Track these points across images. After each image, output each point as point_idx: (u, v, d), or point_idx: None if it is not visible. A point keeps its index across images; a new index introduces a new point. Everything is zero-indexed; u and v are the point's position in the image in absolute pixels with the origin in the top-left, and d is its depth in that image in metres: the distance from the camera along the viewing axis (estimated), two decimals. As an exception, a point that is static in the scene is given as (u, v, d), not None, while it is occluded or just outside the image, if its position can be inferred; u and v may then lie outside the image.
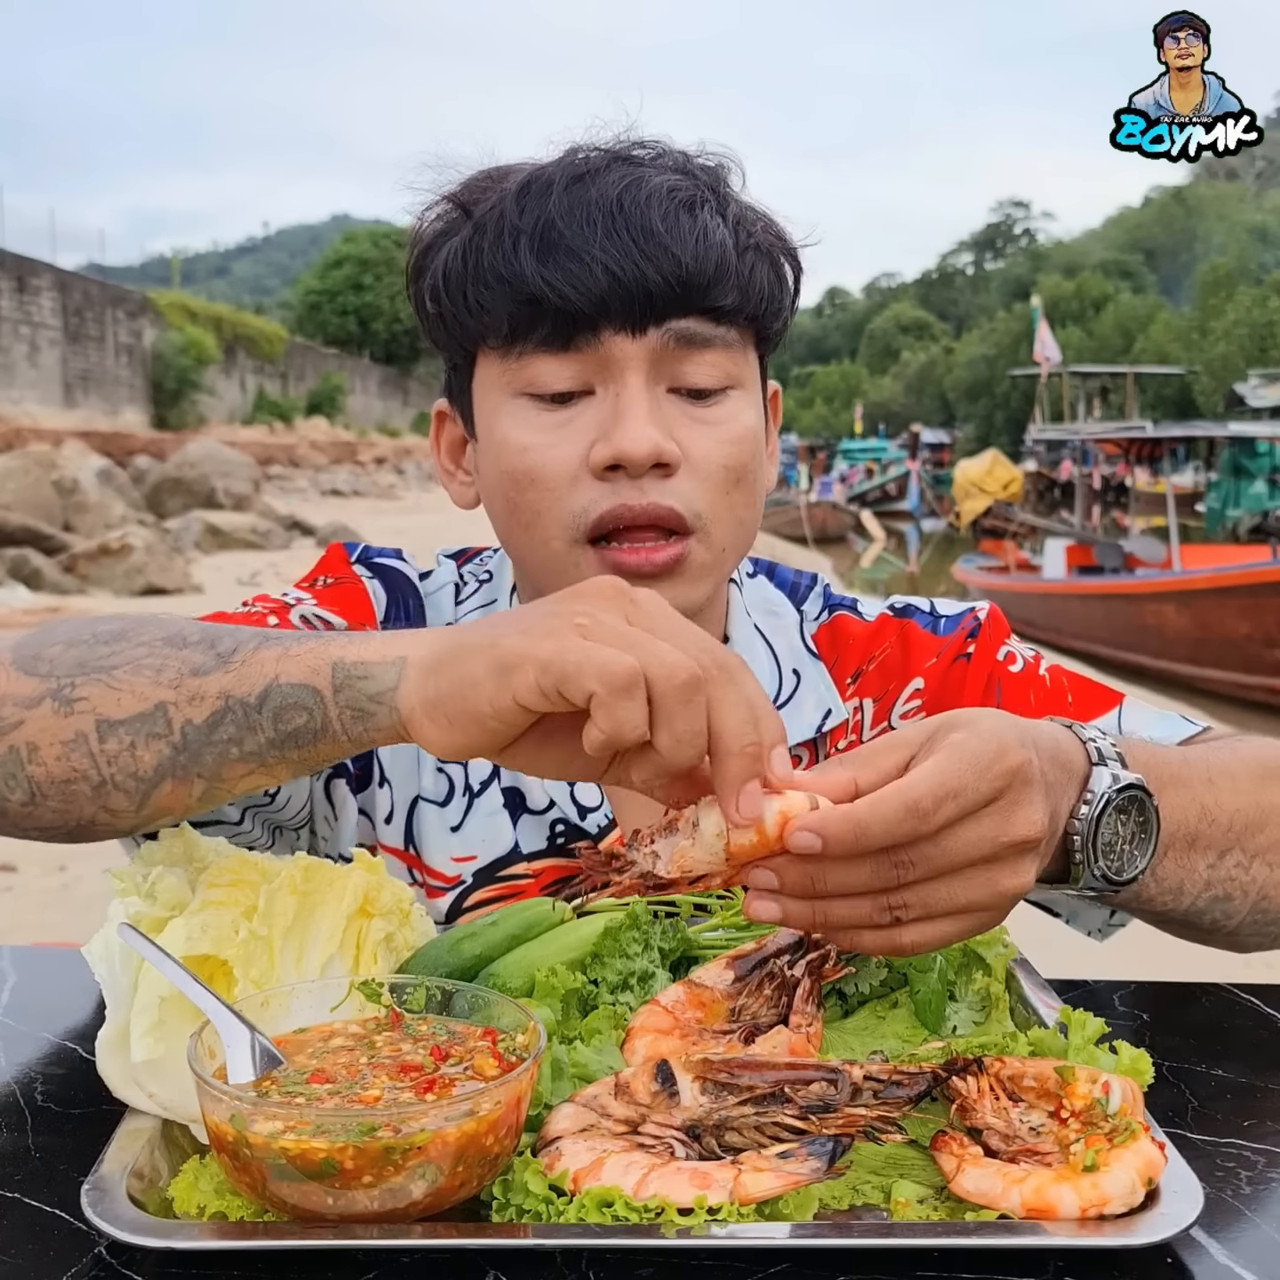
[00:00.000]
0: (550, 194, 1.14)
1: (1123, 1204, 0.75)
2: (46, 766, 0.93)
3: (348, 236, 71.72)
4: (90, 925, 0.93)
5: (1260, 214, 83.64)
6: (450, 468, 1.32)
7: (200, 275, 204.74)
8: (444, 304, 1.19)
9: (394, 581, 1.33)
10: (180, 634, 0.94)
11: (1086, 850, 0.94)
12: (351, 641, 0.89)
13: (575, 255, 1.11)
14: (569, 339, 1.13)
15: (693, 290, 1.13)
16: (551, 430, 1.16)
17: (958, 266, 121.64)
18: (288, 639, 0.91)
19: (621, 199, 1.12)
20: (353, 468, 39.81)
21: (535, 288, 1.12)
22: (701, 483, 1.16)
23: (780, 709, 1.30)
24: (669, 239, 1.12)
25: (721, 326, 1.16)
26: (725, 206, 1.17)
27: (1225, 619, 12.38)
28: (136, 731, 0.90)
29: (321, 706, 0.87)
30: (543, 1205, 0.76)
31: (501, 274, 1.14)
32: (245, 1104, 0.75)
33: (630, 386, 1.14)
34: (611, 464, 1.13)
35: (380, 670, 0.86)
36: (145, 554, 15.34)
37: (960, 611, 1.36)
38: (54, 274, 29.99)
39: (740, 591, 1.35)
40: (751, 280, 1.16)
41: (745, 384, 1.20)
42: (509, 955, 1.01)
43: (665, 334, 1.14)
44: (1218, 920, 1.11)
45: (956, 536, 29.01)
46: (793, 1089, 0.81)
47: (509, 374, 1.17)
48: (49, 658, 0.95)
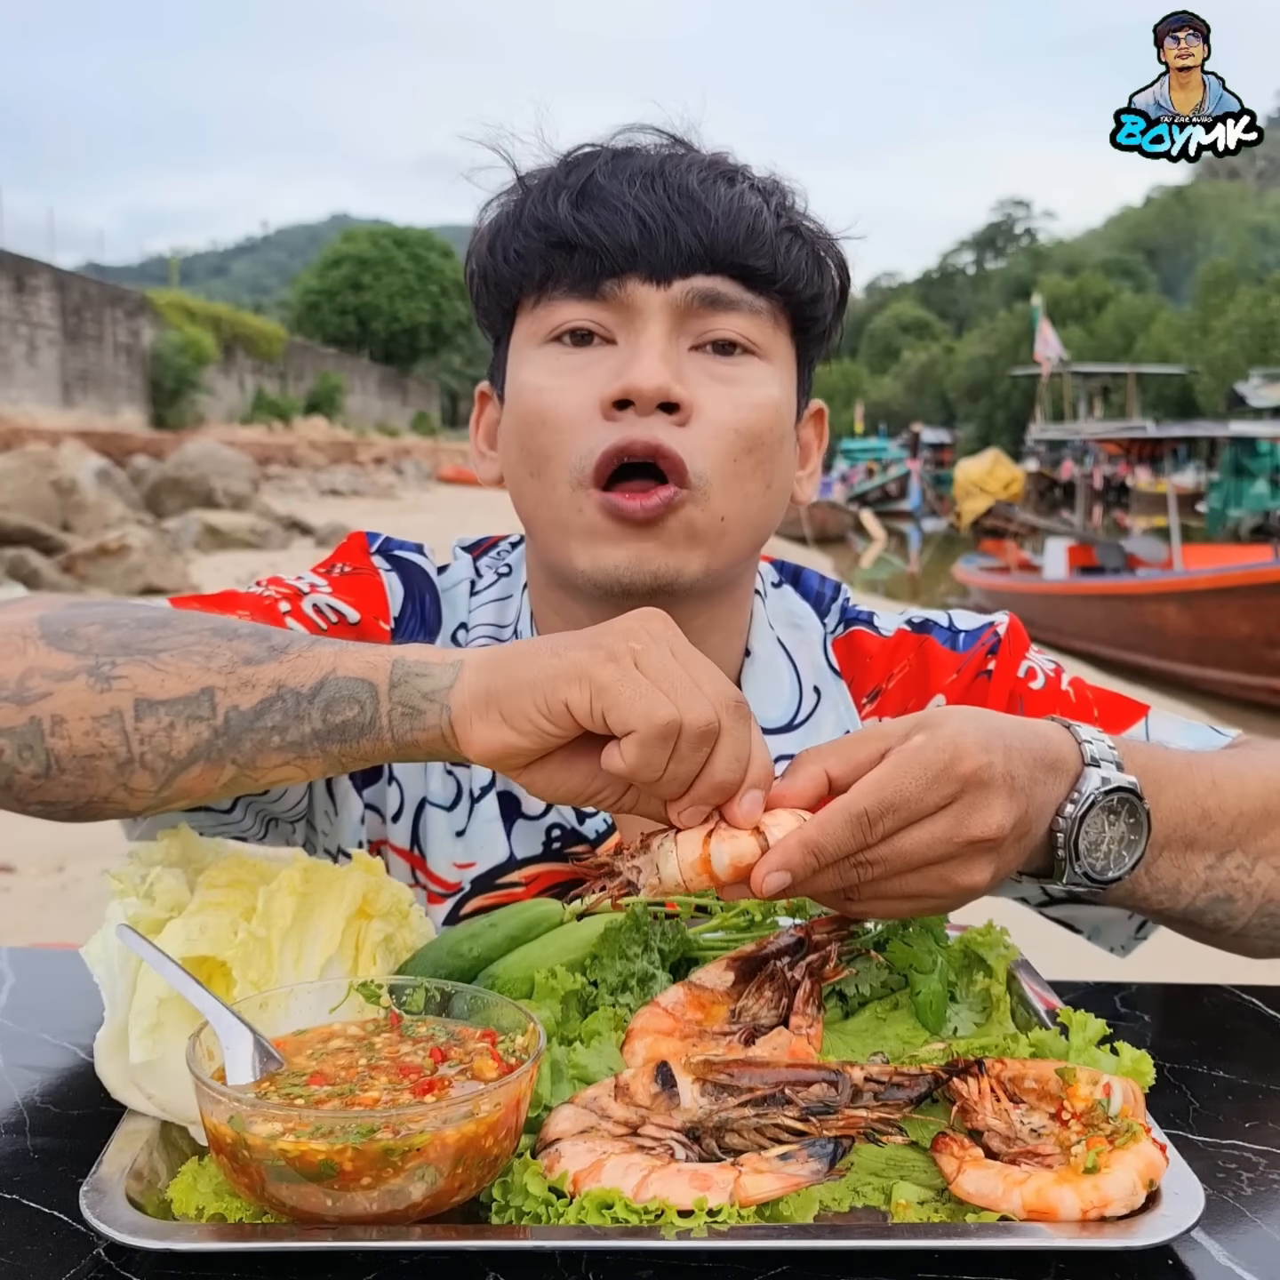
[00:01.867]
0: (597, 159, 1.18)
1: (1124, 1205, 0.75)
2: (70, 740, 0.92)
3: (347, 236, 71.76)
4: (89, 926, 0.93)
5: (1261, 213, 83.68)
6: (483, 448, 1.32)
7: (199, 275, 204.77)
8: (485, 260, 1.22)
9: (412, 576, 1.32)
10: (229, 626, 0.95)
11: (1069, 849, 0.96)
12: (411, 646, 0.92)
13: (609, 204, 1.14)
14: (596, 284, 1.15)
15: (720, 247, 1.14)
16: (569, 373, 1.16)
17: (958, 266, 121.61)
18: (340, 644, 0.94)
19: (663, 164, 1.16)
20: (352, 467, 39.80)
21: (568, 230, 1.14)
22: (710, 440, 1.15)
23: (798, 728, 1.30)
24: (704, 197, 1.14)
25: (750, 293, 1.16)
26: (769, 192, 1.19)
27: (1227, 619, 12.37)
28: (177, 713, 0.91)
29: (374, 701, 0.89)
30: (542, 1207, 0.76)
31: (539, 220, 1.17)
32: (244, 1105, 0.75)
33: (650, 334, 1.14)
34: (620, 399, 1.13)
35: (439, 670, 0.90)
36: (144, 554, 15.33)
37: (979, 626, 1.34)
38: (52, 273, 29.98)
39: (764, 603, 1.33)
40: (787, 255, 1.17)
41: (771, 358, 1.19)
42: (508, 957, 1.01)
43: (690, 289, 1.15)
44: (1220, 920, 1.11)
45: (957, 536, 29.03)
46: (793, 1090, 0.81)
47: (537, 323, 1.19)
48: (85, 636, 0.94)
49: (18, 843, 5.65)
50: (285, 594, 1.24)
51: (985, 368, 69.98)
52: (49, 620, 0.96)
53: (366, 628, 1.26)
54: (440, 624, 1.32)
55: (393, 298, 66.70)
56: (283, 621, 1.20)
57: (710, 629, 1.24)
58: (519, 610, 1.32)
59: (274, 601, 1.23)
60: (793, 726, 1.29)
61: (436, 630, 1.31)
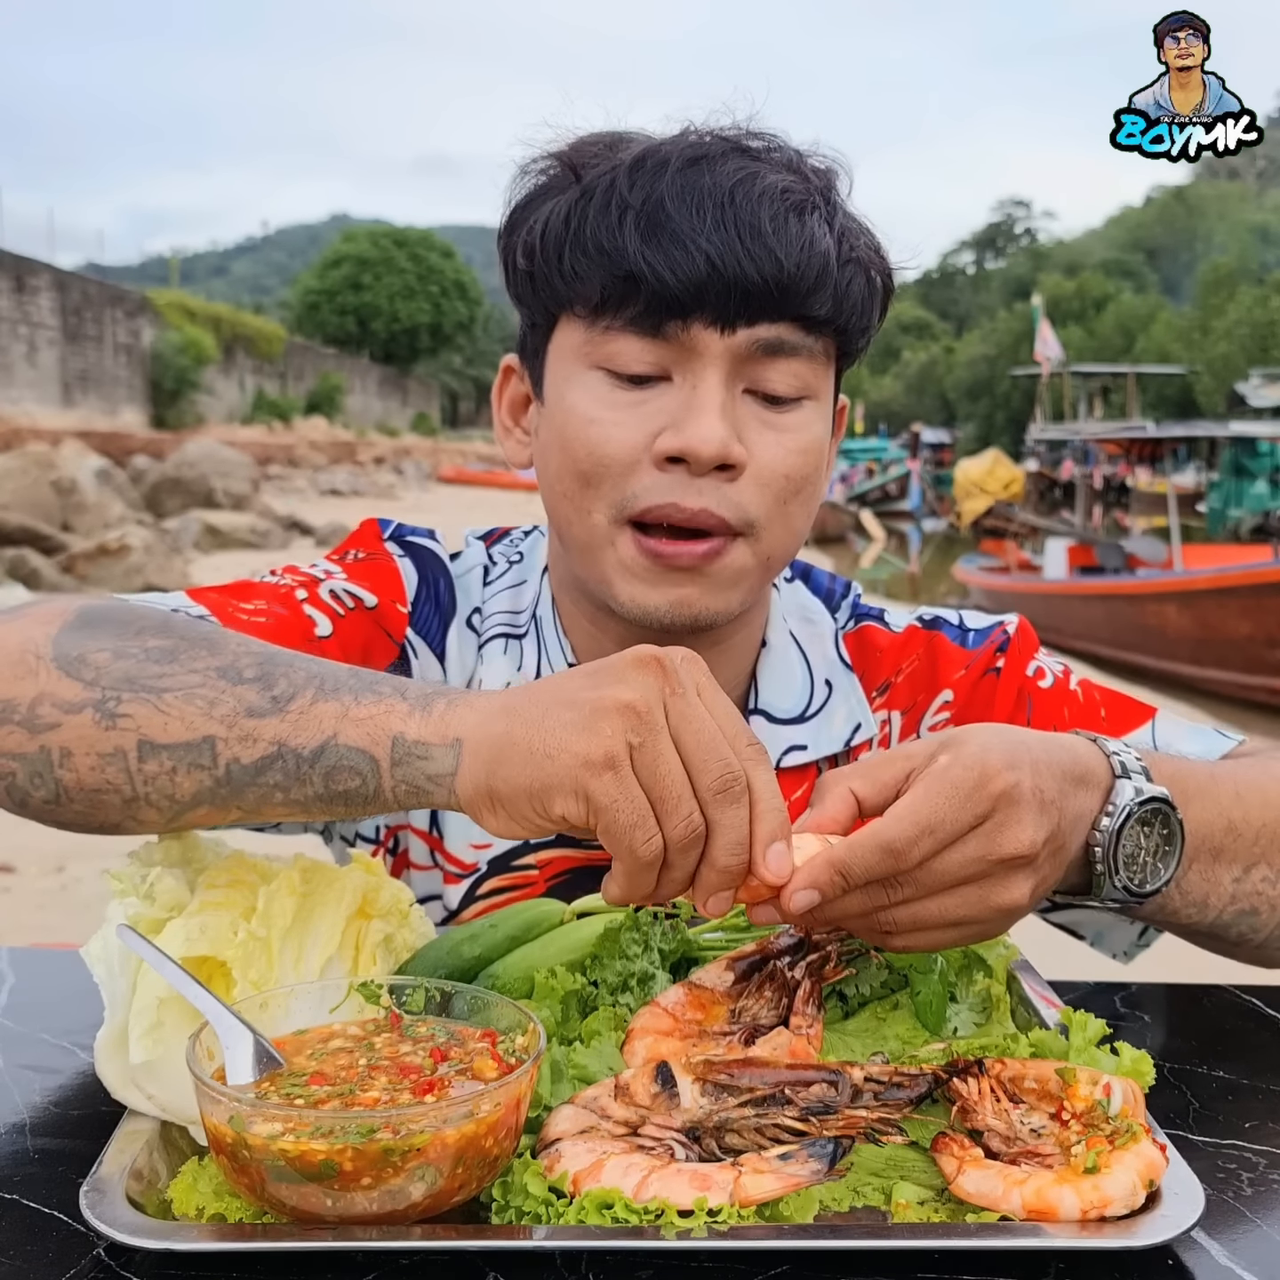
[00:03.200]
0: (664, 173, 1.12)
1: (1124, 1205, 0.75)
2: (78, 774, 0.91)
3: (347, 236, 71.77)
4: (89, 926, 0.93)
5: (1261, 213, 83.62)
6: (508, 423, 1.30)
7: (199, 275, 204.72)
8: (537, 263, 1.17)
9: (425, 561, 1.32)
10: (234, 665, 0.92)
11: (1108, 862, 0.95)
12: (411, 712, 0.87)
13: (679, 240, 1.09)
14: (659, 324, 1.11)
15: (790, 296, 1.11)
16: (622, 409, 1.14)
17: (959, 266, 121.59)
18: (345, 690, 0.89)
19: (734, 192, 1.11)
20: (352, 467, 39.77)
21: (635, 264, 1.10)
22: (761, 489, 1.14)
23: (810, 719, 1.30)
24: (775, 241, 1.10)
25: (810, 336, 1.14)
26: (833, 215, 1.15)
27: (1227, 619, 12.36)
28: (179, 759, 0.89)
29: (377, 776, 0.87)
30: (542, 1207, 0.76)
31: (603, 245, 1.11)
32: (244, 1105, 0.74)
33: (709, 382, 1.12)
34: (675, 456, 1.11)
35: (440, 753, 0.85)
36: (144, 554, 15.32)
37: (989, 625, 1.35)
38: (52, 273, 29.96)
39: (778, 596, 1.35)
40: (848, 293, 1.15)
41: (820, 396, 1.19)
42: (508, 957, 1.01)
43: (754, 339, 1.12)
44: (1244, 934, 1.10)
45: (957, 536, 29.01)
46: (793, 1090, 0.81)
47: (590, 345, 1.15)
48: (94, 664, 0.93)
49: (18, 843, 5.65)
50: (301, 581, 1.24)
51: (985, 368, 69.95)
52: (62, 641, 0.95)
53: (384, 611, 1.27)
54: (455, 609, 1.32)
55: (393, 298, 66.70)
56: (300, 609, 1.21)
57: (734, 629, 1.26)
58: (537, 596, 1.32)
59: (290, 590, 1.23)
60: (805, 718, 1.30)
61: (452, 614, 1.31)
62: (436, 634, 1.30)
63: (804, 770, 1.29)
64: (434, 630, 1.30)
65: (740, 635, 1.28)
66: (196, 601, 1.16)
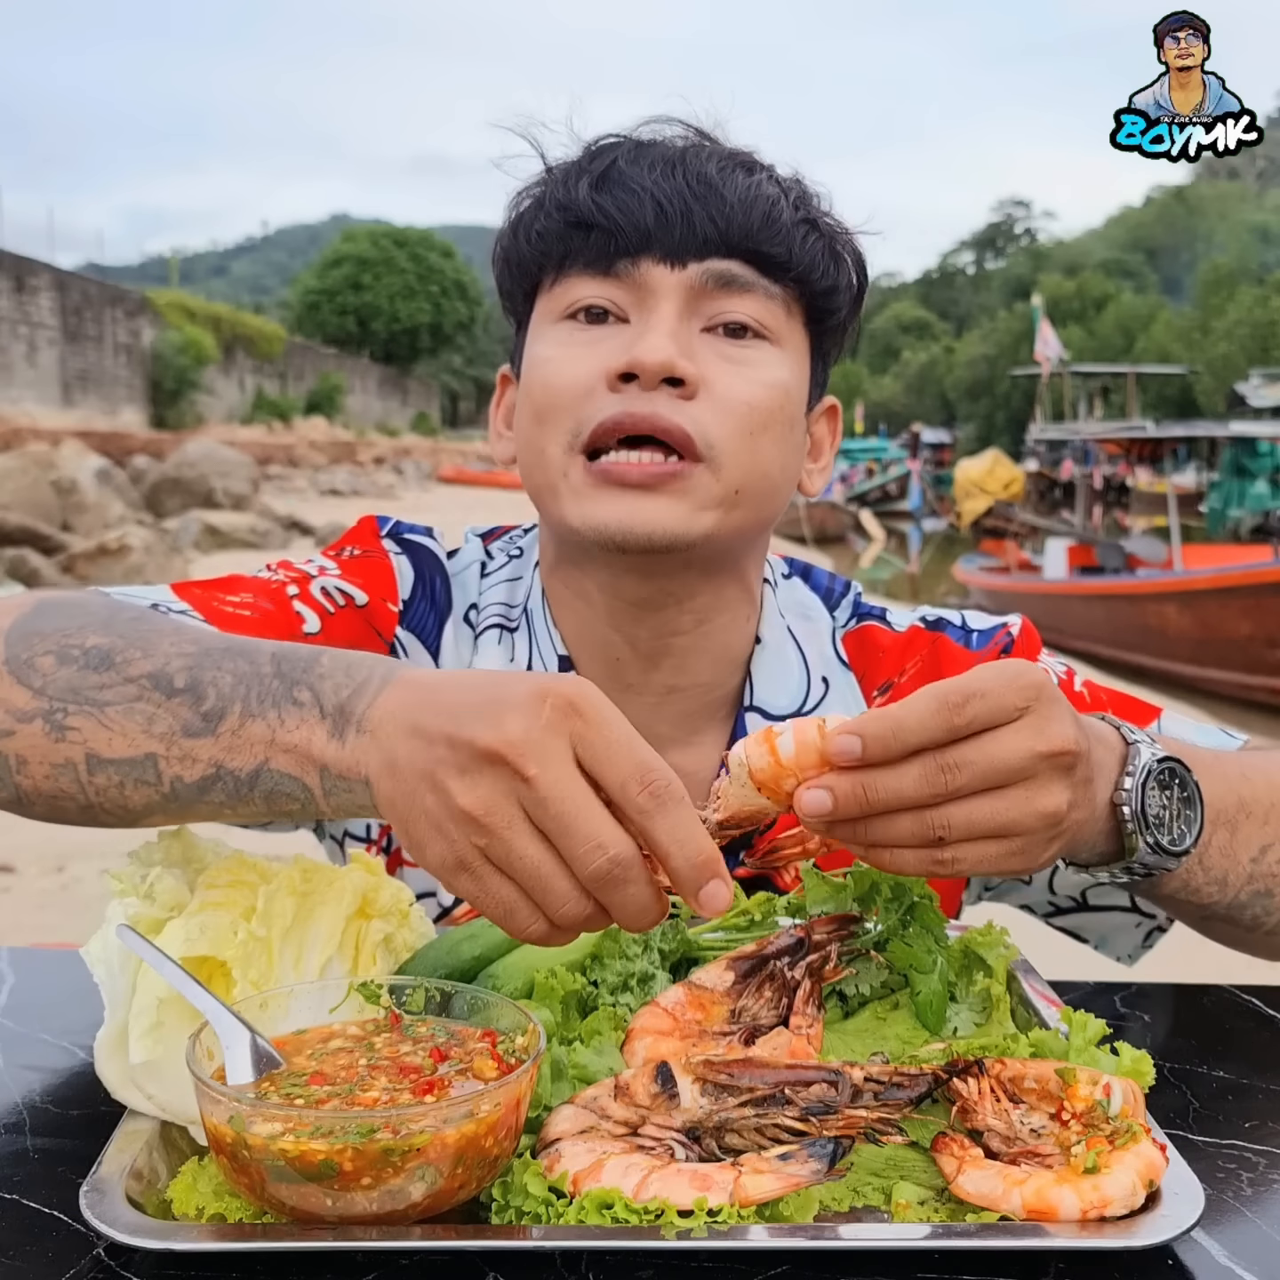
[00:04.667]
0: (620, 147, 1.20)
1: (1124, 1206, 0.75)
2: (34, 781, 0.93)
3: (347, 236, 71.75)
4: (89, 926, 0.93)
5: (1261, 213, 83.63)
6: (501, 429, 1.34)
7: (199, 275, 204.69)
8: (509, 243, 1.24)
9: (422, 559, 1.33)
10: (165, 671, 0.90)
11: (1137, 820, 0.95)
12: (330, 740, 0.84)
13: (627, 188, 1.16)
14: (610, 263, 1.17)
15: (736, 231, 1.16)
16: (579, 346, 1.18)
17: (959, 266, 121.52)
18: (269, 700, 0.87)
19: (685, 154, 1.19)
20: (351, 467, 39.75)
21: (585, 210, 1.17)
22: (721, 413, 1.15)
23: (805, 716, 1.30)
24: (721, 184, 1.16)
25: (764, 278, 1.18)
26: (788, 187, 1.21)
27: (1227, 619, 12.37)
28: (125, 774, 0.90)
29: (313, 801, 0.87)
30: (542, 1207, 0.76)
31: (560, 201, 1.19)
32: (244, 1105, 0.74)
33: (660, 312, 1.16)
34: (624, 372, 1.13)
35: (359, 787, 0.84)
36: (144, 554, 15.33)
37: (993, 626, 1.36)
38: (52, 274, 29.96)
39: (774, 592, 1.34)
40: (803, 245, 1.18)
41: (783, 344, 1.20)
42: (508, 956, 1.01)
43: (704, 271, 1.16)
44: (1258, 916, 1.12)
45: (957, 536, 29.01)
46: (793, 1091, 0.81)
47: (554, 300, 1.21)
48: (41, 669, 0.93)
49: (18, 843, 5.65)
50: (294, 577, 1.25)
51: (985, 368, 69.96)
52: (14, 640, 0.95)
53: (374, 610, 1.27)
54: (451, 607, 1.33)
55: (393, 298, 66.70)
56: (289, 606, 1.22)
57: (715, 608, 1.25)
58: (529, 589, 1.33)
59: (281, 585, 1.24)
60: (800, 714, 1.30)
61: (447, 612, 1.32)
62: (432, 631, 1.31)
63: None
64: (429, 627, 1.31)
65: (725, 617, 1.26)
66: (180, 597, 1.17)
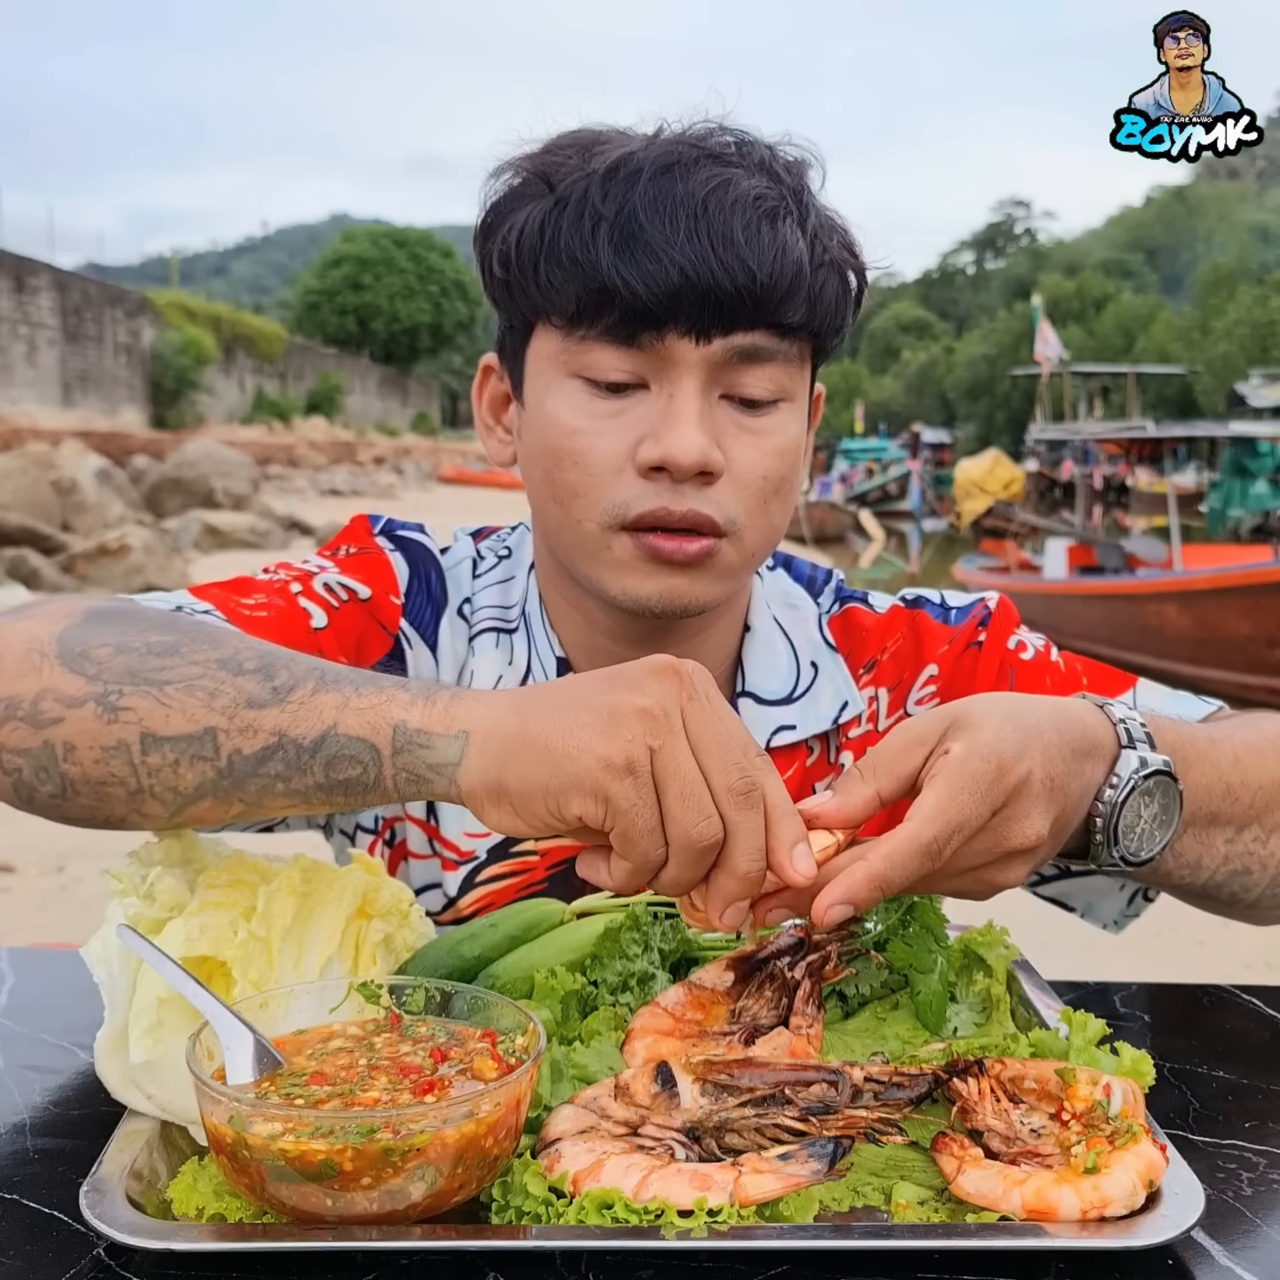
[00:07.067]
0: (637, 182, 1.12)
1: (1124, 1206, 0.75)
2: (82, 767, 0.92)
3: (346, 236, 71.72)
4: (89, 926, 0.93)
5: (1261, 213, 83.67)
6: (490, 421, 1.32)
7: (199, 275, 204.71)
8: (513, 272, 1.18)
9: (416, 555, 1.34)
10: (235, 657, 0.93)
11: (1107, 833, 0.97)
12: (414, 701, 0.88)
13: (652, 252, 1.10)
14: (633, 335, 1.13)
15: (763, 305, 1.12)
16: (602, 418, 1.16)
17: (958, 266, 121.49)
18: (346, 682, 0.90)
19: (707, 201, 1.11)
20: (352, 467, 39.75)
21: (608, 278, 1.11)
22: (740, 491, 1.17)
23: (797, 700, 1.33)
24: (747, 251, 1.11)
25: (785, 341, 1.16)
26: (806, 217, 1.16)
27: (1227, 619, 12.36)
28: (182, 751, 0.90)
29: (378, 764, 0.87)
30: (542, 1207, 0.76)
31: (576, 257, 1.12)
32: (244, 1105, 0.74)
33: (685, 391, 1.14)
34: (657, 466, 1.13)
35: (443, 743, 0.86)
36: (144, 554, 15.32)
37: (970, 602, 1.39)
38: (52, 274, 29.94)
39: (761, 583, 1.38)
40: (821, 296, 1.16)
41: (795, 397, 1.20)
42: (508, 957, 1.01)
43: (729, 348, 1.13)
44: (1236, 893, 1.13)
45: (957, 536, 29.01)
46: (793, 1090, 0.81)
47: (567, 354, 1.17)
48: (96, 659, 0.94)
49: (18, 843, 5.65)
50: (295, 576, 1.26)
51: (985, 368, 69.94)
52: (66, 638, 0.96)
53: (378, 603, 1.28)
54: (446, 600, 1.33)
55: (393, 298, 66.68)
56: (295, 602, 1.22)
57: (719, 614, 1.29)
58: (525, 592, 1.34)
59: (284, 584, 1.24)
60: (792, 699, 1.33)
61: (443, 606, 1.33)
62: (429, 625, 1.32)
63: (794, 749, 1.32)
64: (427, 621, 1.32)
65: (724, 620, 1.31)
66: (200, 599, 1.18)
